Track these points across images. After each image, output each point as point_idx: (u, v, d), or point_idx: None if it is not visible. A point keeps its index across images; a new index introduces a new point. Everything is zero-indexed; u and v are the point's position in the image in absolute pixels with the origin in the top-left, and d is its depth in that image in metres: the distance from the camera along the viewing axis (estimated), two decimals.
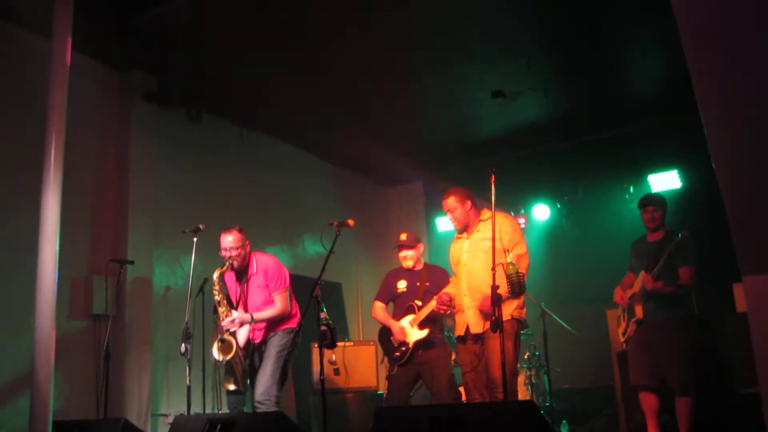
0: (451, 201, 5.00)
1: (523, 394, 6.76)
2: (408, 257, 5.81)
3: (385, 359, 5.90)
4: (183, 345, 5.04)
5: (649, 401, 5.58)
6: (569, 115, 8.52)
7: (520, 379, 6.88)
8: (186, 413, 5.23)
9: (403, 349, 5.48)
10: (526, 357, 7.02)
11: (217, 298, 5.15)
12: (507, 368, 4.13)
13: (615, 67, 7.48)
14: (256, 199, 8.15)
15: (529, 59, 7.12)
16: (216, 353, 5.02)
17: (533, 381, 6.89)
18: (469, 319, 4.80)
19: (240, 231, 5.31)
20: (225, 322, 5.05)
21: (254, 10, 6.03)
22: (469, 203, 4.98)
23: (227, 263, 5.19)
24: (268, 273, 5.31)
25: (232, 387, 5.06)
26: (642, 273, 5.53)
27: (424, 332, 5.42)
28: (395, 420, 3.48)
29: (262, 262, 5.38)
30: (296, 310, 5.47)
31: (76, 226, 6.12)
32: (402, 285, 5.82)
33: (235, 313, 5.12)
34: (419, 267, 5.85)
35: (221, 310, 5.11)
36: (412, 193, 10.88)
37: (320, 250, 5.09)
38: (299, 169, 9.26)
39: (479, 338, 4.74)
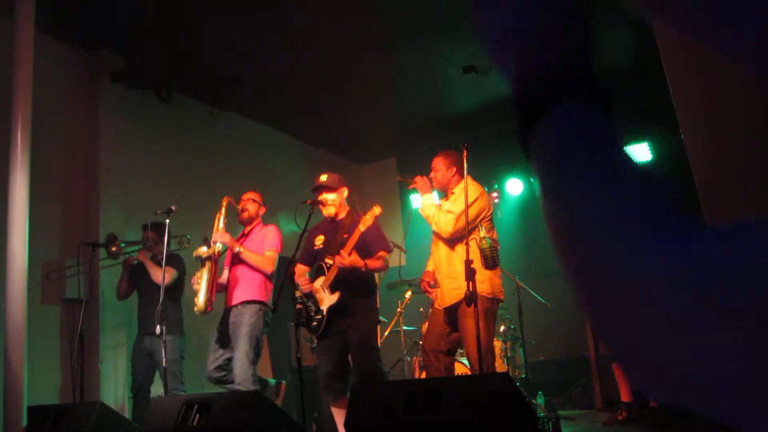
0: (437, 161, 5.01)
1: (499, 366, 6.83)
2: (328, 202, 5.00)
3: None
4: (158, 327, 5.02)
5: (621, 369, 5.73)
6: None
7: (496, 352, 6.94)
8: (163, 395, 5.23)
9: (318, 317, 4.69)
10: (501, 330, 7.08)
11: (218, 215, 5.61)
12: (475, 344, 4.22)
13: None
14: (229, 179, 8.07)
15: None
16: (199, 249, 5.40)
17: (509, 354, 6.95)
18: (439, 292, 4.80)
19: (260, 194, 5.89)
20: (216, 235, 5.43)
21: None
22: (454, 169, 4.93)
23: (239, 209, 5.67)
24: (268, 233, 5.60)
25: (200, 299, 5.32)
26: None
27: (335, 297, 4.64)
28: (372, 396, 3.50)
29: (265, 227, 5.74)
30: (271, 285, 5.51)
31: (46, 209, 6.06)
32: (319, 241, 5.02)
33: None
34: (342, 216, 5.03)
35: (217, 226, 5.55)
36: (385, 170, 10.87)
37: (294, 229, 5.07)
38: (271, 148, 9.20)
39: (450, 311, 4.71)
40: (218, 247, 5.34)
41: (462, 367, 6.11)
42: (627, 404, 5.69)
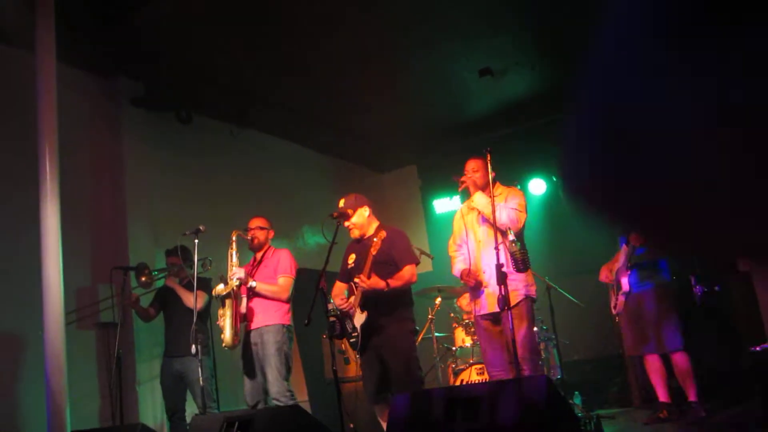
0: (479, 163, 4.91)
1: None
2: (353, 227, 5.04)
3: None
4: (193, 346, 5.05)
5: (653, 367, 5.68)
6: (558, 86, 8.50)
7: None
8: (201, 413, 5.26)
9: (355, 335, 4.83)
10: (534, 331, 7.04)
11: (230, 251, 5.49)
12: (528, 346, 4.31)
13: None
14: (253, 196, 8.15)
15: (513, 35, 7.12)
16: (217, 288, 5.33)
17: (543, 355, 6.91)
18: (489, 297, 4.73)
19: (266, 219, 5.78)
20: (233, 271, 5.34)
21: (236, 6, 6.03)
22: (493, 175, 4.84)
23: (249, 238, 5.58)
24: (281, 259, 5.57)
25: (227, 335, 5.26)
26: (623, 247, 5.67)
27: (364, 315, 4.75)
28: (412, 404, 3.51)
29: (278, 251, 5.71)
30: (288, 309, 5.54)
31: (76, 236, 6.11)
32: (351, 260, 5.09)
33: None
34: (370, 233, 5.02)
35: (231, 263, 5.42)
36: (406, 177, 10.89)
37: (320, 242, 5.11)
38: (293, 162, 9.25)
39: (497, 316, 4.68)
40: (235, 282, 5.30)
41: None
42: (666, 404, 5.63)
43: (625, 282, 5.72)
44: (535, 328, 7.03)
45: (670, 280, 5.71)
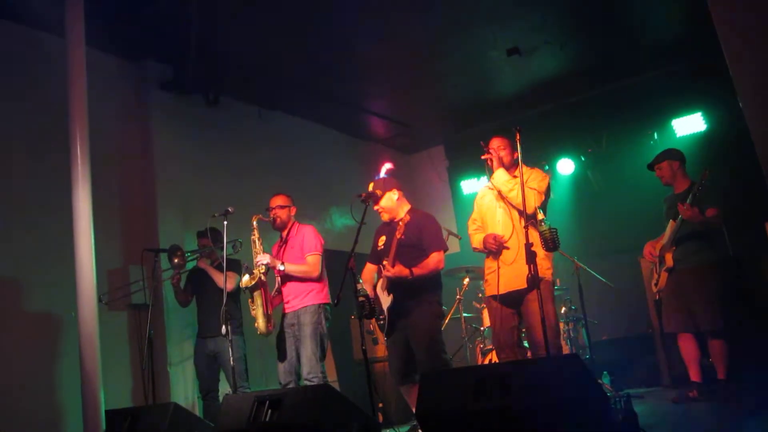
0: (504, 141, 4.88)
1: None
2: (382, 210, 5.08)
3: None
4: (224, 327, 5.10)
5: (687, 347, 5.61)
6: (587, 65, 8.41)
7: None
8: (232, 392, 5.32)
9: (383, 317, 4.87)
10: (562, 311, 7.01)
11: (253, 238, 5.47)
12: (551, 327, 4.26)
13: (630, 13, 7.36)
14: (281, 178, 8.15)
15: (542, 13, 7.03)
16: (243, 280, 5.34)
17: (571, 335, 6.89)
18: (503, 277, 4.69)
19: (287, 195, 5.73)
20: (257, 258, 5.32)
21: None
22: (516, 155, 4.76)
23: (271, 219, 5.57)
24: (305, 237, 5.56)
25: (260, 323, 5.32)
26: (671, 222, 5.56)
27: (389, 299, 4.82)
28: (441, 384, 3.51)
29: (302, 228, 5.66)
30: (326, 283, 5.56)
31: (107, 219, 6.20)
32: (381, 242, 5.10)
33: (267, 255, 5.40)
34: (400, 216, 5.01)
35: (255, 249, 5.41)
36: (434, 158, 10.86)
37: (348, 223, 5.12)
38: (320, 144, 9.27)
39: (513, 297, 4.67)
40: (262, 269, 5.31)
41: None
42: (696, 383, 5.58)
43: (669, 258, 5.61)
44: (563, 309, 7.04)
45: (715, 259, 5.54)
